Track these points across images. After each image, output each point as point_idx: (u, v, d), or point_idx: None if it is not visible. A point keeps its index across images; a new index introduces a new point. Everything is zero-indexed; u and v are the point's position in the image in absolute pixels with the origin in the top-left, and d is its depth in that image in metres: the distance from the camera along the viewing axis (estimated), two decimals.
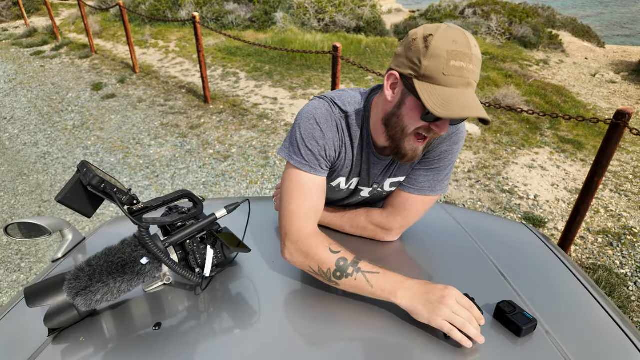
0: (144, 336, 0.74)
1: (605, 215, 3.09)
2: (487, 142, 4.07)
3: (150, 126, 4.47)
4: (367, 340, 0.73)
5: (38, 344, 0.74)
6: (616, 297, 2.29)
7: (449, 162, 0.96)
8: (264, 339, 0.74)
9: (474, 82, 0.76)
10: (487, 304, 0.82)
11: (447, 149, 0.95)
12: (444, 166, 0.96)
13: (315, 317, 0.79)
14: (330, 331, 0.75)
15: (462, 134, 0.95)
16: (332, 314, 0.80)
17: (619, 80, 6.66)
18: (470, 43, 0.75)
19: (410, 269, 0.96)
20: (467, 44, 0.75)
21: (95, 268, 0.75)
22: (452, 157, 0.96)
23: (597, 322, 0.80)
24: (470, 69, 0.74)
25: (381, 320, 0.78)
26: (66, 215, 2.99)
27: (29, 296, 0.73)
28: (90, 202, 0.83)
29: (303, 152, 0.88)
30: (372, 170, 0.99)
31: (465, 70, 0.74)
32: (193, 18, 4.39)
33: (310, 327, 0.76)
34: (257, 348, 0.72)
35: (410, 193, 0.98)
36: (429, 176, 0.97)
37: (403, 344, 0.73)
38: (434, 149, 0.95)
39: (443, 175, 0.97)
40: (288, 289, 0.87)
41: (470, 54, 0.75)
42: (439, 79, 0.75)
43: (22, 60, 6.89)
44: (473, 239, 1.05)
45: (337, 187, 1.03)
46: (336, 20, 7.85)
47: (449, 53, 0.74)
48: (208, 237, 0.88)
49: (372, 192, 1.04)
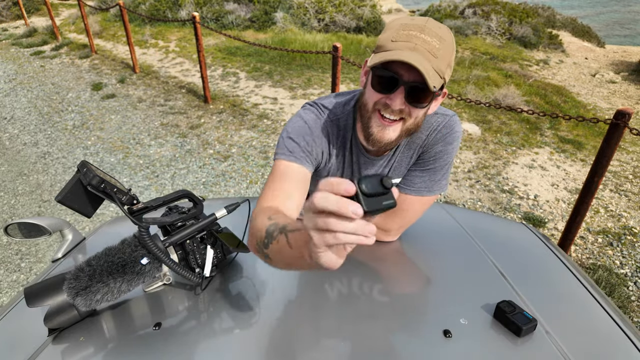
0: (144, 336, 0.74)
1: (605, 215, 3.09)
2: (487, 142, 4.07)
3: (150, 126, 4.47)
4: (367, 340, 0.73)
5: (38, 344, 0.74)
6: (616, 297, 2.29)
7: (444, 162, 0.96)
8: (263, 339, 0.74)
9: (423, 50, 0.75)
10: (487, 304, 0.81)
11: (442, 149, 0.94)
12: (439, 166, 0.96)
13: (315, 317, 0.79)
14: (330, 331, 0.75)
15: (456, 134, 0.94)
16: (332, 314, 0.80)
17: (619, 80, 6.66)
18: (429, 21, 0.78)
19: (410, 270, 0.95)
20: (424, 20, 0.78)
21: (95, 268, 0.75)
22: (447, 157, 0.95)
23: (597, 322, 0.80)
24: (421, 37, 0.75)
25: (381, 320, 0.78)
26: (66, 215, 2.98)
27: (29, 296, 0.73)
28: (90, 202, 0.83)
29: (288, 145, 0.89)
30: (362, 171, 0.99)
31: (414, 37, 0.75)
32: (193, 18, 4.39)
33: (310, 327, 0.76)
34: (257, 348, 0.72)
35: (407, 194, 0.98)
36: (425, 177, 0.97)
37: (403, 343, 0.73)
38: (428, 150, 0.95)
39: (440, 175, 0.97)
40: (288, 289, 0.87)
41: (424, 25, 0.76)
42: (387, 45, 0.77)
43: (22, 60, 6.89)
44: (473, 238, 1.05)
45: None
46: (336, 20, 7.85)
47: (402, 25, 0.78)
48: (208, 237, 0.88)
49: None
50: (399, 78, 0.77)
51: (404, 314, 0.79)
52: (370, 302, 0.83)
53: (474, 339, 0.74)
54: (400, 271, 0.94)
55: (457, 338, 0.73)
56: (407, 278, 0.93)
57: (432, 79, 0.74)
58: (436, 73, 0.76)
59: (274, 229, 0.66)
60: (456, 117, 0.96)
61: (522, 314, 0.76)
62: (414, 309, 0.82)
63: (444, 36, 0.77)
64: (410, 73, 0.76)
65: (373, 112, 0.83)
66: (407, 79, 0.77)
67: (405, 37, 0.75)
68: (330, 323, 0.77)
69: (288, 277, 0.91)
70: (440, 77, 0.78)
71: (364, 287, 0.88)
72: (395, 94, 0.78)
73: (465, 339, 0.73)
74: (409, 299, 0.84)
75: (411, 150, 0.97)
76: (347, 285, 0.88)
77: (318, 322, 0.78)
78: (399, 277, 0.92)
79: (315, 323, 0.77)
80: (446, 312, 0.80)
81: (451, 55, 0.79)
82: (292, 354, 0.70)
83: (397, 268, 0.95)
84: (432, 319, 0.78)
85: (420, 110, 0.82)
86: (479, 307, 0.81)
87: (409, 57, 0.73)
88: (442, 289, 0.87)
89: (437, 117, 0.94)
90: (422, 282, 0.90)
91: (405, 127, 0.84)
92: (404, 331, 0.75)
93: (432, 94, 0.79)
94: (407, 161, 0.98)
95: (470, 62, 6.09)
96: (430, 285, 0.88)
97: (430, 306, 0.82)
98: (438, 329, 0.75)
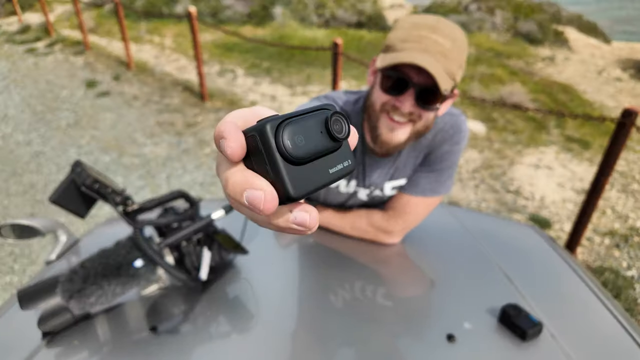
0: (140, 340, 0.73)
1: (612, 216, 3.05)
2: (492, 141, 4.01)
3: (145, 124, 4.40)
4: (367, 342, 0.72)
5: (31, 347, 0.73)
6: (623, 299, 2.27)
7: (451, 162, 0.95)
8: (261, 343, 0.73)
9: (434, 51, 0.73)
10: (492, 308, 0.81)
11: (449, 150, 0.93)
12: (446, 167, 0.95)
13: (315, 320, 0.78)
14: (331, 335, 0.74)
15: (463, 133, 0.93)
16: (333, 317, 0.78)
17: (625, 78, 6.59)
18: (440, 20, 0.75)
19: (414, 272, 0.95)
20: (436, 20, 0.75)
21: (89, 270, 0.74)
22: (454, 157, 0.95)
23: (604, 326, 0.79)
24: (433, 38, 0.73)
25: (383, 324, 0.77)
26: (60, 216, 2.93)
27: (22, 299, 0.72)
28: (84, 202, 0.83)
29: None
30: (368, 171, 0.97)
31: (425, 38, 0.73)
32: (189, 13, 4.30)
33: (310, 331, 0.75)
34: (255, 352, 0.71)
35: (412, 195, 0.96)
36: (431, 177, 0.95)
37: (404, 345, 0.72)
38: (435, 150, 0.94)
39: (445, 176, 0.96)
40: (286, 291, 0.85)
41: (435, 25, 0.74)
42: (397, 45, 0.75)
43: (16, 57, 6.80)
44: (478, 241, 1.04)
45: (337, 189, 1.01)
46: (337, 16, 7.76)
47: (413, 24, 0.75)
48: (205, 238, 0.86)
49: (371, 195, 1.02)
50: (409, 80, 0.75)
51: (407, 318, 0.78)
52: (373, 306, 0.81)
53: (478, 344, 0.72)
54: (403, 274, 0.93)
55: (461, 343, 0.72)
56: (410, 281, 0.92)
57: (443, 81, 0.73)
58: (447, 75, 0.75)
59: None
60: (463, 116, 0.94)
61: (527, 317, 0.75)
62: (417, 312, 0.81)
63: (456, 36, 0.76)
64: (420, 75, 0.75)
65: (381, 113, 0.82)
66: (418, 81, 0.75)
67: (416, 38, 0.74)
68: (331, 327, 0.76)
69: (287, 280, 0.89)
70: (451, 79, 0.77)
71: (367, 290, 0.86)
72: (405, 96, 0.77)
73: (469, 344, 0.72)
74: (412, 303, 0.84)
75: (417, 151, 0.95)
76: (349, 288, 0.87)
77: (318, 326, 0.76)
78: (401, 280, 0.92)
79: (316, 327, 0.76)
80: (450, 316, 0.79)
81: (463, 55, 0.78)
82: (290, 357, 0.69)
83: (400, 271, 0.94)
84: (436, 323, 0.77)
85: (430, 112, 0.81)
86: (483, 310, 0.80)
87: (420, 60, 0.71)
88: (446, 293, 0.86)
89: (444, 116, 0.93)
90: (426, 286, 0.90)
91: (414, 130, 0.83)
92: (406, 335, 0.74)
93: (443, 96, 0.78)
94: (413, 162, 0.96)
95: (474, 58, 6.01)
96: (433, 289, 0.88)
97: (434, 310, 0.81)
98: (442, 333, 0.74)
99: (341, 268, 0.93)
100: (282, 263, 0.94)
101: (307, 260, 0.96)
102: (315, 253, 0.98)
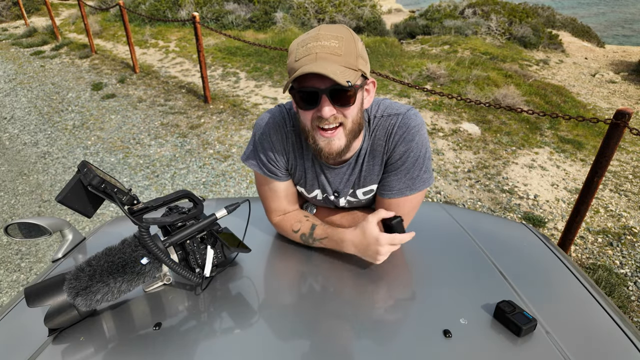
0: (144, 336, 0.74)
1: (605, 215, 3.09)
2: (487, 142, 4.07)
3: (150, 126, 4.46)
4: (368, 340, 0.73)
5: (38, 344, 0.74)
6: (616, 297, 2.29)
7: (414, 159, 0.92)
8: (263, 338, 0.74)
9: (325, 55, 0.78)
10: (487, 304, 0.82)
11: (406, 148, 0.92)
12: (410, 165, 0.93)
13: (315, 317, 0.79)
14: (330, 331, 0.75)
15: (414, 129, 0.91)
16: (332, 314, 0.80)
17: (618, 80, 6.66)
18: (321, 28, 0.81)
19: (410, 269, 0.96)
20: (317, 29, 0.81)
21: (95, 268, 0.76)
22: (414, 153, 0.92)
23: (597, 322, 0.80)
24: (319, 44, 0.79)
25: (382, 319, 0.78)
26: (66, 215, 2.98)
27: (29, 296, 0.73)
28: (91, 202, 0.83)
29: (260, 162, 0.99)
30: (330, 180, 1.00)
31: (312, 48, 0.79)
32: (193, 18, 4.39)
33: (310, 327, 0.76)
34: (257, 348, 0.72)
35: (391, 198, 0.97)
36: (400, 178, 0.95)
37: (403, 343, 0.73)
38: (392, 154, 0.94)
39: (416, 172, 0.94)
40: (288, 288, 0.87)
41: (317, 34, 0.80)
42: (293, 67, 0.81)
43: (22, 60, 6.88)
44: (473, 238, 1.05)
45: (315, 199, 1.06)
46: (336, 20, 7.84)
47: (299, 43, 0.82)
48: (208, 237, 0.88)
49: (347, 200, 1.06)
50: (316, 89, 0.80)
51: (404, 314, 0.79)
52: (370, 302, 0.83)
53: (473, 339, 0.74)
54: (400, 271, 0.93)
55: (457, 338, 0.73)
56: (406, 278, 0.93)
57: (343, 76, 0.76)
58: (347, 69, 0.79)
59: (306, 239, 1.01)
60: (410, 111, 0.93)
61: (522, 313, 0.76)
62: (413, 308, 0.82)
63: (340, 34, 0.80)
64: (323, 80, 0.79)
65: (313, 129, 0.86)
66: (324, 86, 0.79)
67: (305, 52, 0.79)
68: (330, 322, 0.77)
69: (288, 278, 0.90)
70: (354, 70, 0.80)
71: (365, 287, 0.88)
72: (321, 104, 0.82)
73: (465, 339, 0.73)
74: (409, 299, 0.85)
75: (376, 158, 0.96)
76: (348, 286, 0.89)
77: (318, 322, 0.78)
78: (398, 277, 0.92)
79: (315, 323, 0.77)
80: (446, 312, 0.80)
81: (355, 46, 0.81)
82: (291, 353, 0.71)
83: (397, 268, 0.95)
84: (432, 319, 0.78)
85: (351, 108, 0.84)
86: (478, 307, 0.81)
87: (314, 67, 0.76)
88: (441, 289, 0.87)
89: (390, 119, 0.93)
90: (422, 282, 0.90)
91: (347, 130, 0.86)
92: (403, 331, 0.76)
93: (355, 90, 0.81)
94: (377, 169, 0.97)
95: (470, 62, 6.08)
96: (430, 286, 0.88)
97: (430, 306, 0.82)
98: (438, 329, 0.75)
99: (340, 265, 0.94)
100: (284, 260, 0.95)
101: (308, 258, 0.98)
102: (316, 251, 1.00)
